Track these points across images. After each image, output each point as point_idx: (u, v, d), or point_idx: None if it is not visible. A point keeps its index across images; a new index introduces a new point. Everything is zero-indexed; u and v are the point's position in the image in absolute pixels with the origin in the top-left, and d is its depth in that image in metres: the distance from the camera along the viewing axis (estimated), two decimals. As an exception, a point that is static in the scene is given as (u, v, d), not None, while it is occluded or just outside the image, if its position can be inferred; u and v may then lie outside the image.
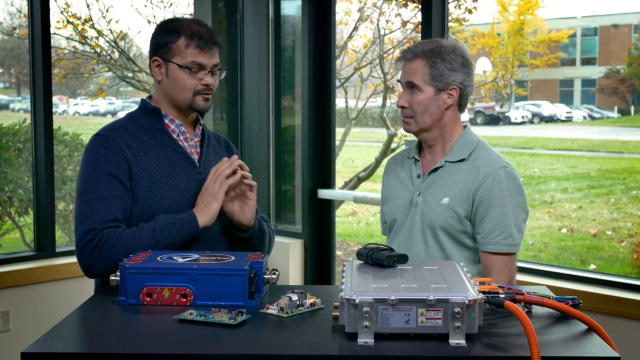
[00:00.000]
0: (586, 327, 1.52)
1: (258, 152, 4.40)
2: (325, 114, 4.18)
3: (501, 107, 7.35)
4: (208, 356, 1.39)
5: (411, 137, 4.47)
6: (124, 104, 6.69)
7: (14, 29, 5.31)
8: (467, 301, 1.39)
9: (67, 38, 5.28)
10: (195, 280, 1.69)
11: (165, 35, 2.10)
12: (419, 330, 1.41)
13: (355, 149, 8.80)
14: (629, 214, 6.59)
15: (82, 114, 7.28)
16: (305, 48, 4.13)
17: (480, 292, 1.48)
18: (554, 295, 1.65)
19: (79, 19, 5.18)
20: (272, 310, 1.63)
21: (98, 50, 5.24)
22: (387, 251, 1.67)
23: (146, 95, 2.23)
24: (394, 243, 2.27)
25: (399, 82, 2.25)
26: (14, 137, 4.48)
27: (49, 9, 3.74)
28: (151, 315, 1.64)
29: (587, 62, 7.90)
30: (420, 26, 3.84)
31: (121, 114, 2.18)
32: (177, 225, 1.98)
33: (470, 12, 5.08)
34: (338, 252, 6.92)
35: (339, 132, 5.47)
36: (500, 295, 1.49)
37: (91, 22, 5.20)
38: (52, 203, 3.77)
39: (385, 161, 2.54)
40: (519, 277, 3.27)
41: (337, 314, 1.48)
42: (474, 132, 2.26)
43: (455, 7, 5.09)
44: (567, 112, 8.23)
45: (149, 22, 5.30)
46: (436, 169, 2.21)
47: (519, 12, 6.57)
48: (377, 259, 1.66)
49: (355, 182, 5.61)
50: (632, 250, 5.57)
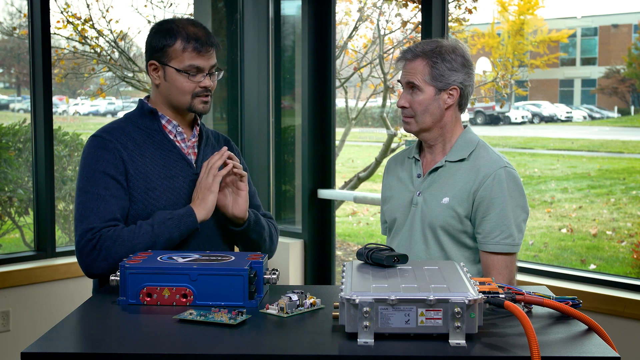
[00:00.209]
0: (586, 327, 1.52)
1: (258, 152, 4.40)
2: (325, 114, 4.18)
3: (501, 107, 7.35)
4: (208, 356, 1.39)
5: (411, 137, 4.47)
6: (124, 104, 6.69)
7: (14, 29, 5.32)
8: (467, 301, 1.39)
9: (67, 38, 5.28)
10: (195, 280, 1.69)
11: (161, 38, 2.08)
12: (419, 330, 1.41)
13: (355, 149, 8.80)
14: (629, 214, 6.59)
15: (82, 114, 7.28)
16: (305, 48, 4.13)
17: (480, 292, 1.48)
18: (554, 295, 1.65)
19: (79, 19, 5.18)
20: (272, 310, 1.63)
21: (98, 50, 5.24)
22: (387, 251, 1.67)
23: (145, 95, 2.23)
24: (394, 243, 2.27)
25: (399, 82, 2.25)
26: (14, 137, 4.48)
27: (49, 9, 3.74)
28: (151, 315, 1.64)
29: (587, 62, 7.90)
30: (420, 26, 3.84)
31: (121, 114, 2.20)
32: (175, 221, 1.98)
33: (470, 12, 5.08)
34: (338, 252, 6.92)
35: (339, 132, 5.47)
36: (500, 295, 1.49)
37: (91, 22, 5.20)
38: (52, 203, 3.77)
39: (386, 161, 2.54)
40: (519, 277, 3.27)
41: (337, 314, 1.48)
42: (474, 132, 2.26)
43: (455, 7, 5.09)
44: (567, 112, 8.23)
45: (149, 22, 5.30)
46: (436, 169, 2.21)
47: (519, 12, 6.57)
48: (377, 259, 1.66)
49: (355, 182, 5.61)
50: (632, 250, 5.57)
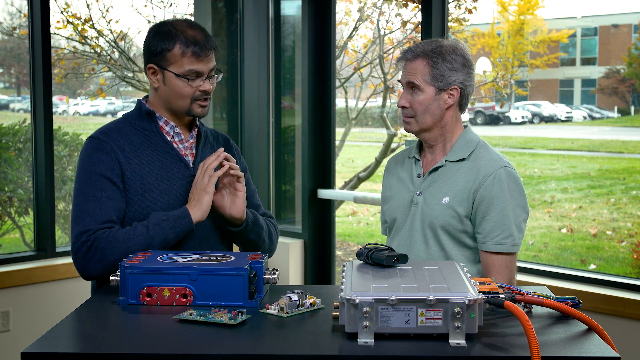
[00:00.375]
0: (586, 327, 1.52)
1: (258, 152, 4.40)
2: (325, 114, 4.18)
3: (501, 107, 7.35)
4: (208, 356, 1.39)
5: (411, 137, 4.47)
6: (124, 104, 6.69)
7: (14, 29, 5.32)
8: (467, 301, 1.39)
9: (67, 38, 5.28)
10: (195, 280, 1.69)
11: (160, 42, 2.05)
12: (419, 330, 1.41)
13: (355, 149, 8.80)
14: (629, 214, 6.59)
15: (82, 114, 7.28)
16: (305, 48, 4.13)
17: (480, 292, 1.48)
18: (554, 295, 1.65)
19: (79, 19, 5.18)
20: (272, 310, 1.63)
21: (98, 50, 5.24)
22: (387, 251, 1.67)
23: (144, 95, 2.21)
24: (394, 243, 2.27)
25: (399, 82, 2.25)
26: (14, 137, 4.48)
27: (49, 9, 3.74)
28: (151, 315, 1.64)
29: (587, 62, 7.90)
30: (420, 26, 3.84)
31: (121, 114, 2.20)
32: (170, 222, 1.97)
33: (470, 12, 5.08)
34: (338, 252, 6.92)
35: (339, 132, 5.47)
36: (500, 295, 1.49)
37: (91, 22, 5.20)
38: (52, 203, 3.77)
39: (386, 161, 2.54)
40: (519, 277, 3.27)
41: (337, 314, 1.48)
42: (474, 132, 2.26)
43: (455, 7, 5.09)
44: (567, 112, 8.23)
45: (149, 22, 5.31)
46: (436, 169, 2.21)
47: (519, 12, 6.57)
48: (377, 259, 1.66)
49: (355, 182, 5.62)
50: (632, 250, 5.57)
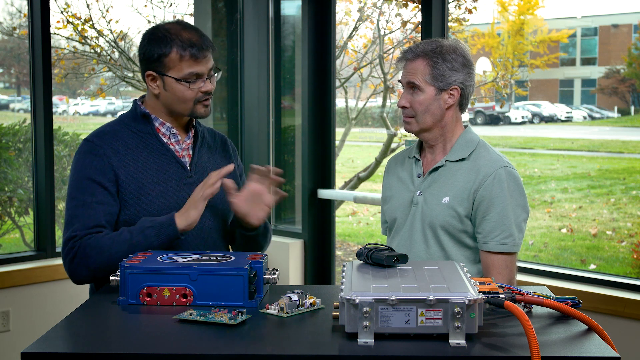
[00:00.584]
0: (586, 327, 1.52)
1: (258, 152, 4.40)
2: (325, 114, 4.18)
3: (501, 107, 7.35)
4: (208, 356, 1.39)
5: (411, 137, 4.47)
6: (124, 104, 6.69)
7: (14, 29, 5.32)
8: (467, 301, 1.39)
9: (67, 38, 5.28)
10: (195, 280, 1.69)
11: (156, 47, 2.03)
12: (419, 330, 1.41)
13: (355, 149, 8.80)
14: (629, 214, 6.59)
15: (82, 114, 7.29)
16: (305, 48, 4.13)
17: (480, 292, 1.48)
18: (554, 295, 1.65)
19: (79, 19, 5.19)
20: (272, 310, 1.63)
21: (98, 50, 5.24)
22: (387, 251, 1.67)
23: (141, 95, 2.19)
24: (394, 242, 2.27)
25: (399, 82, 2.25)
26: (14, 137, 4.48)
27: (49, 9, 3.74)
28: (151, 315, 1.64)
29: (587, 62, 7.91)
30: (420, 26, 3.84)
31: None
32: (155, 229, 1.95)
33: (470, 12, 5.08)
34: (338, 252, 6.92)
35: (339, 132, 5.47)
36: (500, 295, 1.49)
37: (91, 22, 5.20)
38: (52, 203, 3.77)
39: (386, 161, 2.54)
40: (519, 277, 3.27)
41: (337, 314, 1.48)
42: (474, 132, 2.26)
43: (455, 7, 5.09)
44: (567, 112, 8.23)
45: (149, 22, 5.31)
46: (437, 169, 2.21)
47: (519, 12, 6.58)
48: (377, 259, 1.66)
49: (355, 182, 5.62)
50: (632, 250, 5.57)
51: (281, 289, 1.85)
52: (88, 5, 5.17)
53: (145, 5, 5.34)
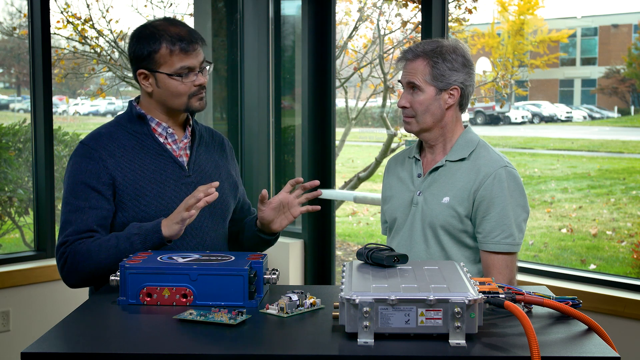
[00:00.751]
0: (586, 327, 1.52)
1: (258, 152, 4.40)
2: (325, 114, 4.18)
3: (501, 107, 7.35)
4: (208, 356, 1.39)
5: (411, 137, 4.47)
6: (124, 104, 6.69)
7: (14, 29, 5.32)
8: (467, 301, 1.39)
9: (67, 38, 5.28)
10: (195, 280, 1.69)
11: (145, 45, 2.03)
12: (419, 330, 1.41)
13: (355, 149, 8.80)
14: (629, 214, 6.59)
15: (82, 114, 7.29)
16: (305, 48, 4.13)
17: (480, 292, 1.48)
18: (554, 295, 1.65)
19: (79, 19, 5.19)
20: (272, 310, 1.63)
21: (98, 50, 5.24)
22: (387, 251, 1.67)
23: (137, 95, 2.19)
24: (394, 242, 2.27)
25: (399, 82, 2.25)
26: (14, 137, 4.48)
27: (49, 9, 3.74)
28: (151, 315, 1.64)
29: (587, 62, 7.90)
30: (420, 26, 3.84)
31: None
32: (141, 236, 1.93)
33: (470, 12, 5.08)
34: (338, 252, 6.92)
35: (339, 132, 5.47)
36: (500, 295, 1.49)
37: (91, 22, 5.20)
38: (52, 203, 3.77)
39: (386, 161, 2.54)
40: (519, 277, 3.27)
41: (337, 314, 1.48)
42: (474, 132, 2.26)
43: (455, 7, 5.09)
44: (567, 112, 8.23)
45: (149, 22, 5.30)
46: (437, 169, 2.21)
47: (519, 12, 6.58)
48: (377, 259, 1.66)
49: (355, 182, 5.62)
50: (632, 250, 5.57)
51: (281, 289, 1.85)
52: (88, 5, 5.18)
53: (145, 5, 5.34)
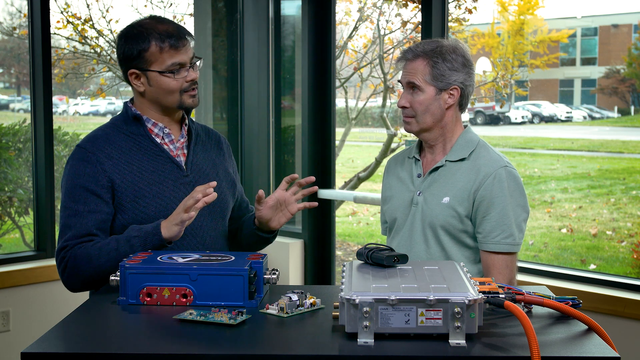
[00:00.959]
0: (586, 327, 1.52)
1: (258, 152, 4.40)
2: (325, 114, 4.18)
3: (501, 107, 7.35)
4: (208, 356, 1.39)
5: (411, 137, 4.47)
6: (124, 104, 6.68)
7: (14, 29, 5.32)
8: (467, 301, 1.39)
9: (67, 38, 5.28)
10: (195, 280, 1.69)
11: (134, 44, 2.03)
12: (419, 330, 1.41)
13: (355, 149, 8.80)
14: (629, 214, 6.59)
15: (82, 114, 7.28)
16: (305, 48, 4.13)
17: (480, 292, 1.48)
18: (554, 295, 1.65)
19: (79, 19, 5.19)
20: (272, 310, 1.63)
21: (98, 50, 5.24)
22: (387, 251, 1.67)
23: (130, 97, 2.18)
24: (394, 243, 2.27)
25: (399, 82, 2.25)
26: (14, 137, 4.48)
27: (49, 9, 3.74)
28: (151, 315, 1.64)
29: (587, 62, 7.90)
30: (420, 26, 3.84)
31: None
32: (141, 239, 1.93)
33: (470, 12, 5.08)
34: (338, 252, 6.92)
35: (339, 132, 5.47)
36: (500, 295, 1.49)
37: (91, 22, 5.20)
38: (52, 203, 3.77)
39: (386, 161, 2.55)
40: (519, 277, 3.27)
41: (337, 314, 1.48)
42: (474, 132, 2.26)
43: (455, 7, 5.09)
44: (567, 112, 8.23)
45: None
46: (437, 169, 2.21)
47: (519, 12, 6.57)
48: (377, 259, 1.66)
49: (355, 182, 5.62)
50: (632, 250, 5.57)
51: (281, 289, 1.85)
52: (88, 5, 5.18)
53: (145, 5, 5.34)
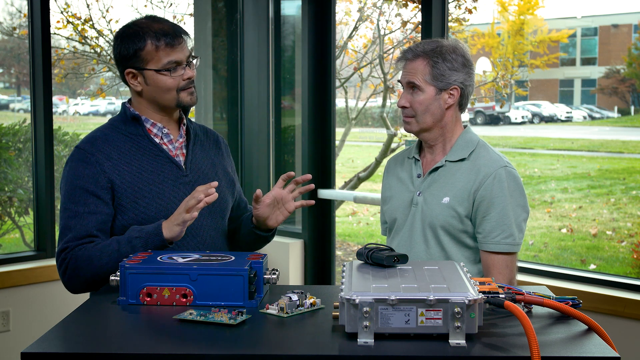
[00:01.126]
0: (586, 327, 1.52)
1: (258, 152, 4.40)
2: (325, 114, 4.18)
3: (501, 107, 7.35)
4: (208, 356, 1.39)
5: (411, 137, 4.47)
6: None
7: (14, 29, 5.32)
8: (467, 301, 1.39)
9: (67, 38, 5.28)
10: (195, 280, 1.69)
11: (130, 44, 2.03)
12: (419, 330, 1.41)
13: (355, 149, 8.80)
14: (629, 214, 6.59)
15: (82, 114, 7.28)
16: (305, 48, 4.13)
17: (480, 292, 1.48)
18: (554, 295, 1.65)
19: (79, 19, 5.19)
20: (272, 310, 1.63)
21: (98, 50, 5.24)
22: (387, 251, 1.67)
23: (128, 98, 2.18)
24: (394, 243, 2.27)
25: (399, 82, 2.25)
26: (14, 137, 4.48)
27: (49, 9, 3.74)
28: (151, 315, 1.64)
29: (587, 62, 7.90)
30: (420, 26, 3.84)
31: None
32: (142, 240, 1.93)
33: (470, 12, 5.08)
34: (338, 252, 6.92)
35: (339, 132, 5.47)
36: (500, 295, 1.49)
37: (91, 22, 5.20)
38: (52, 203, 3.77)
39: (386, 161, 2.55)
40: (519, 277, 3.27)
41: (337, 314, 1.48)
42: (474, 132, 2.26)
43: (455, 7, 5.09)
44: (567, 112, 8.23)
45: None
46: (436, 169, 2.21)
47: (519, 12, 6.57)
48: (377, 259, 1.66)
49: (355, 182, 5.62)
50: (632, 250, 5.57)
51: (281, 289, 1.85)
52: (88, 5, 5.18)
53: (145, 5, 5.34)
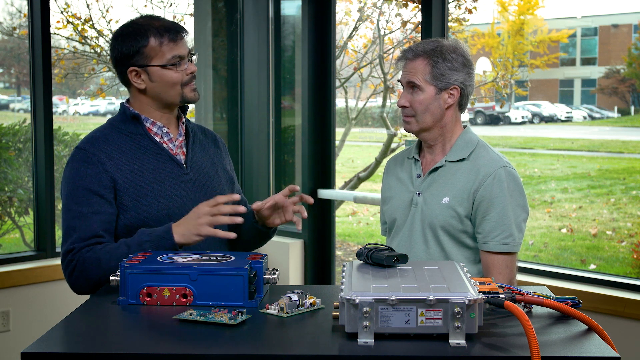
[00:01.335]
0: (586, 327, 1.52)
1: (258, 152, 4.40)
2: (325, 114, 4.18)
3: (501, 107, 7.35)
4: (208, 356, 1.39)
5: (411, 137, 4.47)
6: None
7: (14, 29, 5.32)
8: (467, 301, 1.39)
9: (67, 38, 5.28)
10: (195, 280, 1.69)
11: (133, 42, 2.03)
12: (419, 330, 1.41)
13: (355, 149, 8.80)
14: (629, 214, 6.59)
15: (82, 114, 7.28)
16: (305, 48, 4.13)
17: (480, 292, 1.48)
18: (554, 295, 1.65)
19: (79, 19, 5.19)
20: (272, 310, 1.63)
21: (98, 50, 5.24)
22: (387, 251, 1.67)
23: (126, 98, 2.18)
24: (394, 243, 2.27)
25: (399, 82, 2.25)
26: (14, 137, 4.48)
27: (49, 9, 3.74)
28: (151, 315, 1.64)
29: (587, 62, 7.90)
30: (420, 26, 3.84)
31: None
32: (153, 243, 1.93)
33: (470, 12, 5.08)
34: (338, 252, 6.92)
35: (339, 132, 5.47)
36: (500, 295, 1.49)
37: (91, 22, 5.20)
38: (52, 203, 3.77)
39: (385, 161, 2.55)
40: (519, 277, 3.27)
41: (337, 314, 1.48)
42: (474, 132, 2.26)
43: (455, 7, 5.09)
44: (567, 112, 8.23)
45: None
46: (436, 169, 2.21)
47: (519, 12, 6.57)
48: (377, 259, 1.66)
49: (355, 182, 5.62)
50: (632, 250, 5.57)
51: (281, 289, 1.85)
52: (88, 5, 5.18)
53: (145, 5, 5.34)
